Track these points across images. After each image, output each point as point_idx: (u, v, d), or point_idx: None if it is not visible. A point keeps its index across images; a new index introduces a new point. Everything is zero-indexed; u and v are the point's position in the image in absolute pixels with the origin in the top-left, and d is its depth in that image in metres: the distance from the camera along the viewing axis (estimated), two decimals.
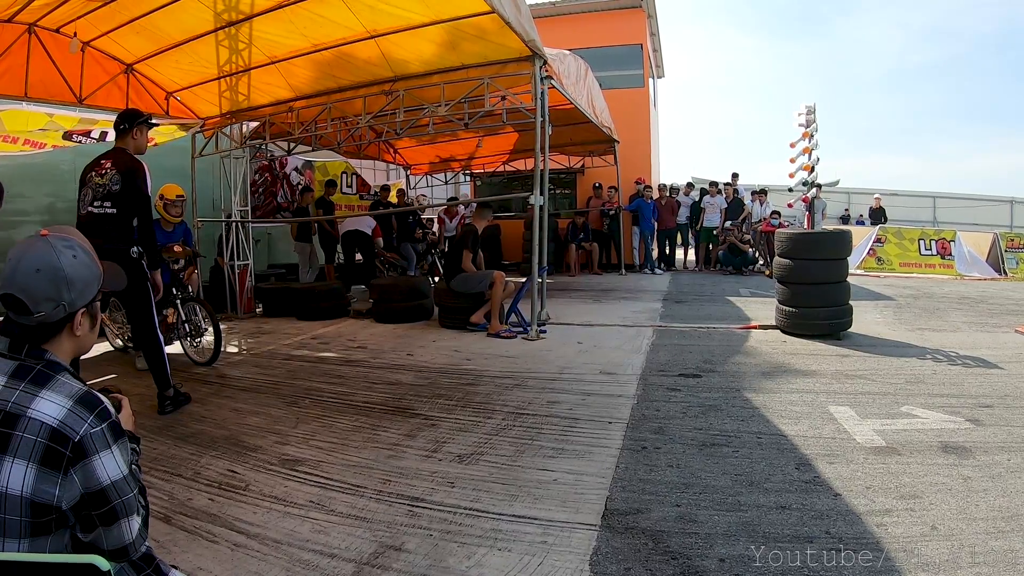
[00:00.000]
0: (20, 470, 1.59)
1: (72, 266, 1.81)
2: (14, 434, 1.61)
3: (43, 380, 1.70)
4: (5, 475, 1.58)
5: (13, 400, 1.65)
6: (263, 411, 5.29)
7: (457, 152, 17.06)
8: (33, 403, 1.65)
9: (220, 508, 3.50)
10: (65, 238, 1.85)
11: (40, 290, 1.75)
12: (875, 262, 16.44)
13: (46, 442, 1.61)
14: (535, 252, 8.18)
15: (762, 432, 4.48)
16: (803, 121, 8.07)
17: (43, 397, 1.66)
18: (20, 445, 1.60)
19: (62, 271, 1.78)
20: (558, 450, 4.21)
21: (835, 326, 7.59)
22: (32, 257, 1.77)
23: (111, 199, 5.20)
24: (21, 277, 1.75)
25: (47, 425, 1.62)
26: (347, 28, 8.29)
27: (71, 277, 1.80)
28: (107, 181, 5.23)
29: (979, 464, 3.84)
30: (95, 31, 8.35)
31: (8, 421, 1.62)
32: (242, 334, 9.07)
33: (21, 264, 1.76)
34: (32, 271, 1.75)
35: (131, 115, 5.53)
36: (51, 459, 1.61)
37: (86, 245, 1.90)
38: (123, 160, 5.32)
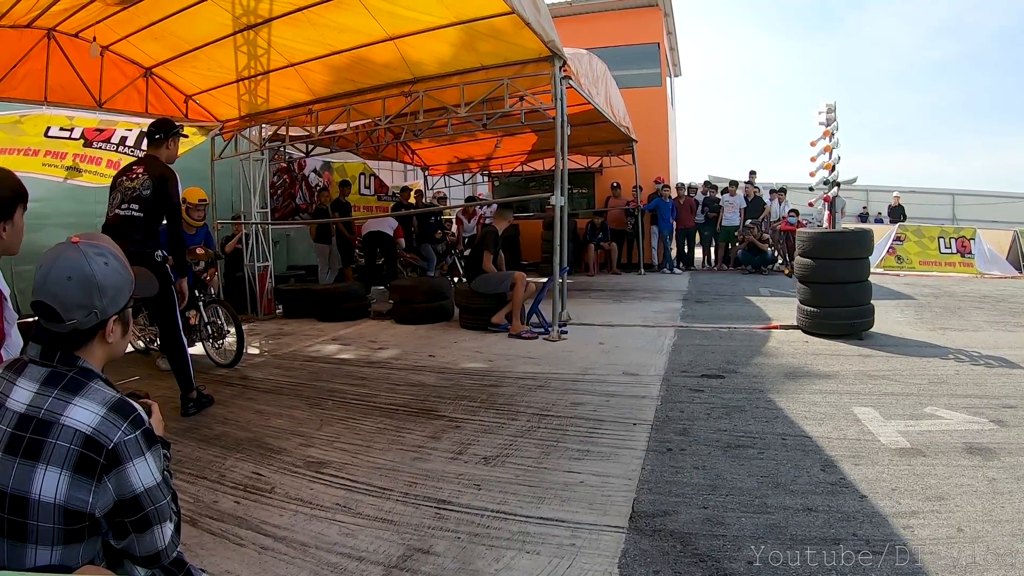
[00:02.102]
0: (53, 478, 1.60)
1: (104, 273, 1.81)
2: (47, 441, 1.62)
3: (76, 387, 1.72)
4: (38, 483, 1.60)
5: (46, 407, 1.67)
6: (287, 413, 5.32)
7: (475, 153, 17.05)
8: (66, 410, 1.66)
9: (246, 511, 3.52)
10: (96, 245, 1.85)
11: (72, 298, 1.75)
12: (895, 260, 16.33)
13: (80, 449, 1.62)
14: (556, 252, 8.17)
15: (787, 433, 4.47)
16: (823, 120, 8.02)
17: (76, 404, 1.68)
18: (53, 453, 1.62)
19: (94, 278, 1.78)
20: (584, 452, 4.21)
21: (857, 326, 7.55)
22: (63, 264, 1.76)
23: (139, 202, 5.28)
24: (53, 284, 1.75)
25: (81, 432, 1.64)
26: (366, 33, 8.33)
27: (103, 284, 1.80)
28: (138, 186, 5.33)
29: (1004, 466, 3.82)
30: (114, 36, 8.39)
31: (41, 428, 1.64)
32: (263, 335, 9.12)
33: (53, 271, 1.76)
34: (64, 278, 1.75)
35: (166, 125, 5.63)
36: (85, 466, 1.62)
37: (117, 252, 1.91)
38: (156, 167, 5.41)
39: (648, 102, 17.23)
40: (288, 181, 14.23)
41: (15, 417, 1.67)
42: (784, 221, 15.92)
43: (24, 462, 1.61)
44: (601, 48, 14.96)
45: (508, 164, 18.03)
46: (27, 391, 1.70)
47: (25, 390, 1.71)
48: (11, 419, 1.67)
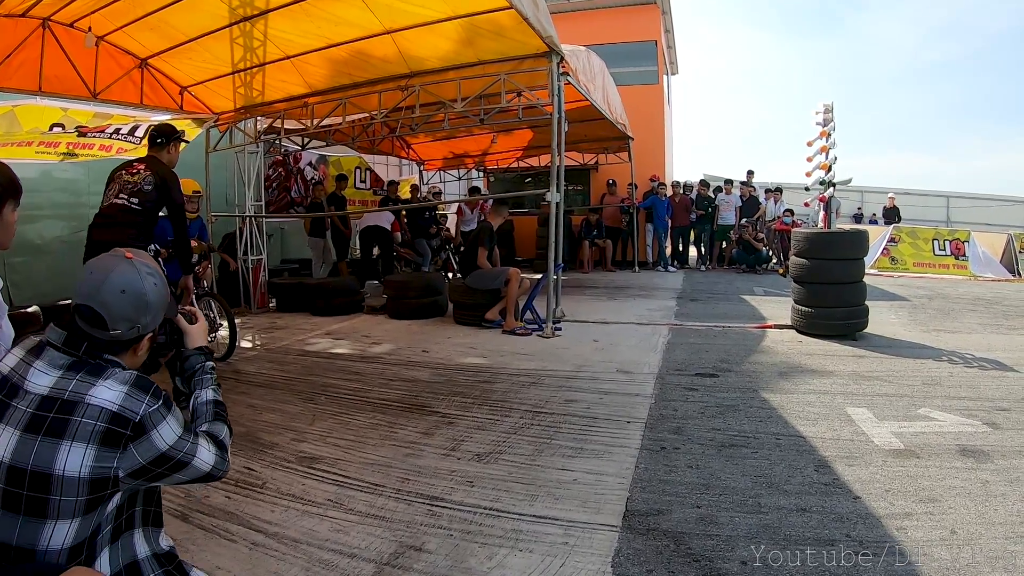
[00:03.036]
0: (79, 452, 1.66)
1: (153, 292, 1.90)
2: (72, 419, 1.68)
3: (99, 371, 1.78)
4: (62, 459, 1.64)
5: (71, 389, 1.72)
6: (279, 408, 5.29)
7: (471, 148, 17.00)
8: (91, 390, 1.72)
9: (238, 506, 3.50)
10: (148, 264, 1.94)
11: (121, 311, 1.83)
12: (889, 262, 16.35)
13: (106, 425, 1.69)
14: (551, 249, 8.16)
15: (780, 433, 4.47)
16: (820, 120, 8.02)
17: (100, 385, 1.74)
18: (79, 429, 1.67)
19: (145, 296, 1.88)
20: (577, 449, 4.20)
21: (851, 326, 7.56)
22: (119, 278, 1.84)
23: (138, 196, 5.36)
24: (106, 295, 1.82)
25: (107, 410, 1.71)
26: (363, 26, 8.28)
27: (151, 303, 1.90)
28: (139, 180, 5.42)
29: (997, 468, 3.82)
30: (110, 26, 8.33)
31: (65, 408, 1.69)
32: (256, 329, 9.09)
33: (108, 282, 1.83)
34: (117, 291, 1.83)
35: (168, 129, 5.77)
36: (111, 439, 1.69)
37: (160, 273, 1.99)
38: (159, 169, 5.53)
39: (645, 100, 17.23)
40: (283, 174, 14.19)
41: (36, 399, 1.71)
42: (779, 221, 15.93)
43: (47, 440, 1.66)
44: (599, 45, 14.94)
45: (504, 160, 18.00)
46: (49, 375, 1.76)
47: (46, 374, 1.76)
48: (32, 400, 1.71)
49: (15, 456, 1.66)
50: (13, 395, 1.74)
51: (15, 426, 1.69)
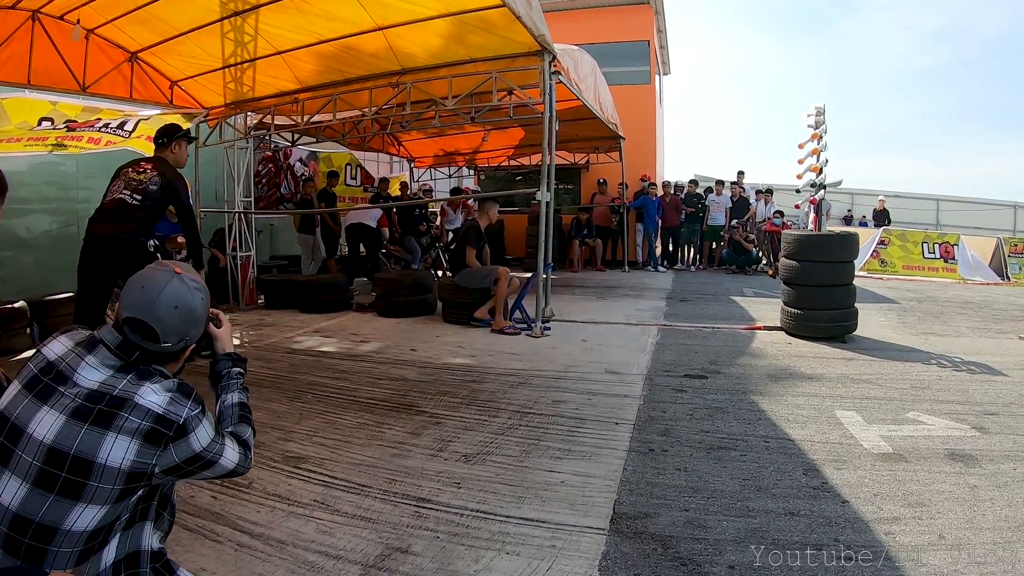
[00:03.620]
0: (123, 445, 1.79)
1: (201, 307, 2.08)
2: (119, 414, 1.81)
3: (146, 376, 1.92)
4: (106, 449, 1.78)
5: (120, 387, 1.86)
6: (265, 406, 5.22)
7: (462, 146, 16.96)
8: (139, 391, 1.86)
9: (223, 507, 3.47)
10: (195, 279, 2.08)
11: (173, 325, 1.97)
12: (878, 264, 16.42)
13: (151, 425, 1.83)
14: (540, 248, 8.14)
15: (769, 436, 4.46)
16: (812, 122, 8.03)
17: (147, 387, 1.88)
18: (125, 424, 1.81)
19: (195, 312, 2.04)
20: (565, 451, 4.18)
21: (840, 329, 7.57)
22: (172, 293, 1.98)
23: (142, 193, 5.41)
24: (160, 310, 1.95)
25: (153, 411, 1.85)
26: (354, 22, 8.23)
27: (199, 317, 2.08)
28: (145, 179, 5.48)
29: (986, 473, 3.83)
30: (100, 19, 8.27)
31: (114, 403, 1.82)
32: (244, 326, 9.04)
33: (162, 298, 1.96)
34: (171, 307, 1.97)
35: (169, 129, 5.86)
36: (154, 438, 1.84)
37: (205, 285, 2.15)
38: (167, 170, 5.61)
39: (636, 100, 17.21)
40: (273, 170, 14.13)
41: (84, 391, 1.83)
42: (769, 222, 15.96)
43: (93, 429, 1.78)
44: (591, 44, 14.92)
45: (495, 158, 17.98)
46: (99, 372, 1.88)
47: (96, 371, 1.88)
48: (80, 392, 1.83)
49: (58, 438, 1.77)
50: (60, 382, 1.86)
51: (61, 411, 1.80)
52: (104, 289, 5.45)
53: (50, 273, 9.13)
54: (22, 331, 7.92)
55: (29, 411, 1.81)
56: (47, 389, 1.84)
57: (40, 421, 1.79)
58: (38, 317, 8.27)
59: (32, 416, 1.80)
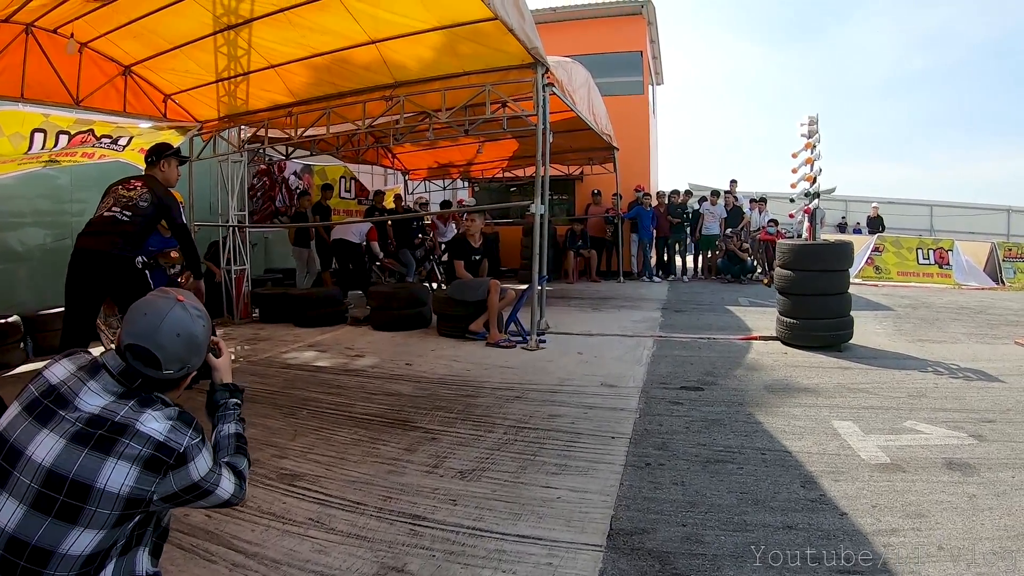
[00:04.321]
0: (123, 470, 1.80)
1: (203, 334, 2.11)
2: (120, 440, 1.82)
3: (147, 403, 1.94)
4: (106, 474, 1.78)
5: (121, 413, 1.87)
6: (260, 422, 5.20)
7: (456, 158, 17.00)
8: (141, 418, 1.88)
9: (217, 525, 3.43)
10: (197, 306, 2.11)
11: (175, 352, 2.00)
12: (873, 271, 16.43)
13: (152, 452, 1.84)
14: (535, 261, 8.14)
15: (766, 448, 4.44)
16: (805, 132, 8.04)
17: (149, 414, 1.90)
18: (126, 450, 1.82)
19: (197, 339, 2.07)
20: (561, 466, 4.15)
21: (836, 338, 7.56)
22: (175, 321, 2.01)
23: (132, 210, 5.41)
24: (163, 338, 1.97)
25: (154, 439, 1.86)
26: (347, 36, 8.26)
27: (201, 344, 2.11)
28: (135, 196, 5.49)
29: (984, 481, 3.82)
30: (93, 32, 8.28)
31: (115, 429, 1.84)
32: (239, 340, 9.02)
33: (164, 326, 1.98)
34: (173, 335, 1.99)
35: (160, 148, 5.85)
36: (154, 465, 1.85)
37: (206, 312, 2.17)
38: (158, 188, 5.59)
39: (630, 110, 17.26)
40: (268, 183, 14.14)
41: (85, 416, 1.84)
42: (763, 231, 15.96)
43: (93, 454, 1.79)
44: (584, 55, 14.96)
45: (489, 170, 18.01)
46: (101, 398, 1.89)
47: (98, 396, 1.90)
48: (81, 416, 1.84)
49: (57, 461, 1.77)
50: (61, 405, 1.87)
51: (61, 434, 1.81)
52: (91, 305, 5.42)
53: (44, 287, 9.11)
54: (16, 345, 7.90)
55: (29, 433, 1.82)
56: (47, 412, 1.85)
57: (40, 444, 1.80)
58: (32, 331, 8.24)
59: (32, 438, 1.81)
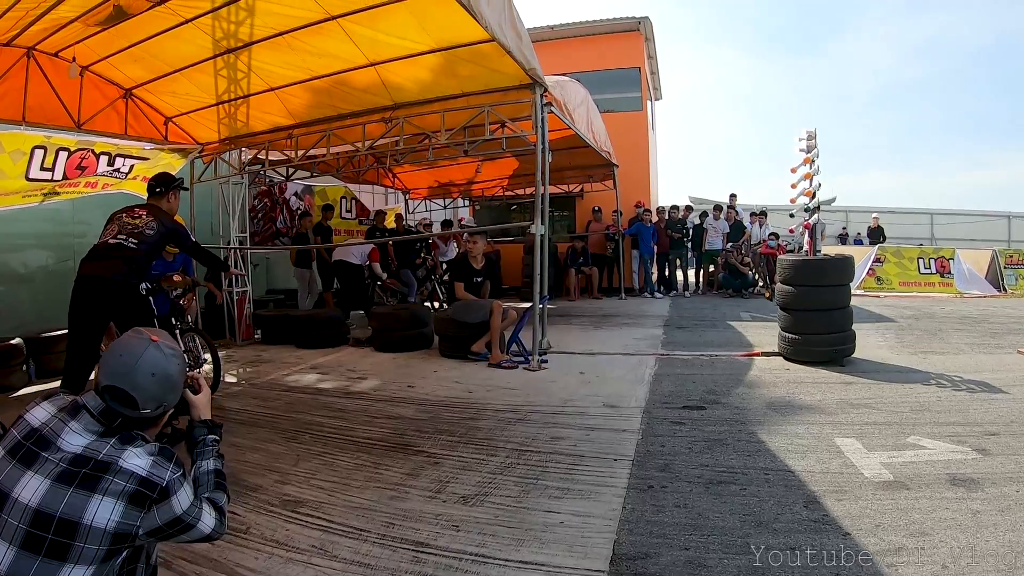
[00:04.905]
0: (108, 507, 1.83)
1: (178, 374, 2.16)
2: (104, 477, 1.86)
3: (128, 440, 1.97)
4: (92, 510, 1.81)
5: (104, 452, 1.90)
6: (262, 447, 5.22)
7: (456, 177, 17.06)
8: (123, 455, 1.91)
9: (221, 553, 3.43)
10: (171, 346, 2.17)
11: (151, 392, 2.05)
12: (875, 282, 16.42)
13: (136, 487, 1.88)
14: (536, 280, 8.15)
15: (769, 468, 4.43)
16: (804, 147, 8.06)
17: (130, 451, 1.94)
18: (110, 487, 1.85)
19: (172, 378, 2.13)
20: (563, 490, 4.14)
21: (838, 352, 7.55)
22: (149, 362, 2.07)
23: (137, 237, 5.48)
24: (138, 378, 2.03)
25: (137, 474, 1.89)
26: (346, 59, 8.32)
27: (177, 383, 2.17)
28: (140, 224, 5.58)
29: (988, 497, 3.81)
30: (94, 56, 8.37)
31: (99, 467, 1.87)
32: (241, 362, 9.04)
33: (140, 366, 2.04)
34: (148, 375, 2.05)
35: (166, 178, 5.93)
36: (138, 500, 1.88)
37: (181, 351, 2.24)
38: (164, 217, 5.67)
39: (628, 126, 17.34)
40: (269, 205, 14.18)
41: (69, 456, 1.88)
42: (764, 244, 15.96)
43: (79, 492, 1.82)
44: (582, 72, 15.06)
45: (490, 189, 18.06)
46: (83, 438, 1.93)
47: (80, 436, 1.93)
48: (64, 456, 1.88)
49: (43, 502, 1.80)
50: (44, 447, 1.90)
51: (46, 475, 1.84)
52: (95, 331, 5.43)
53: (46, 309, 9.13)
54: (18, 368, 7.90)
55: (13, 476, 1.85)
56: (31, 454, 1.89)
57: (25, 486, 1.82)
58: (34, 354, 8.25)
59: (17, 481, 1.84)
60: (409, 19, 7.33)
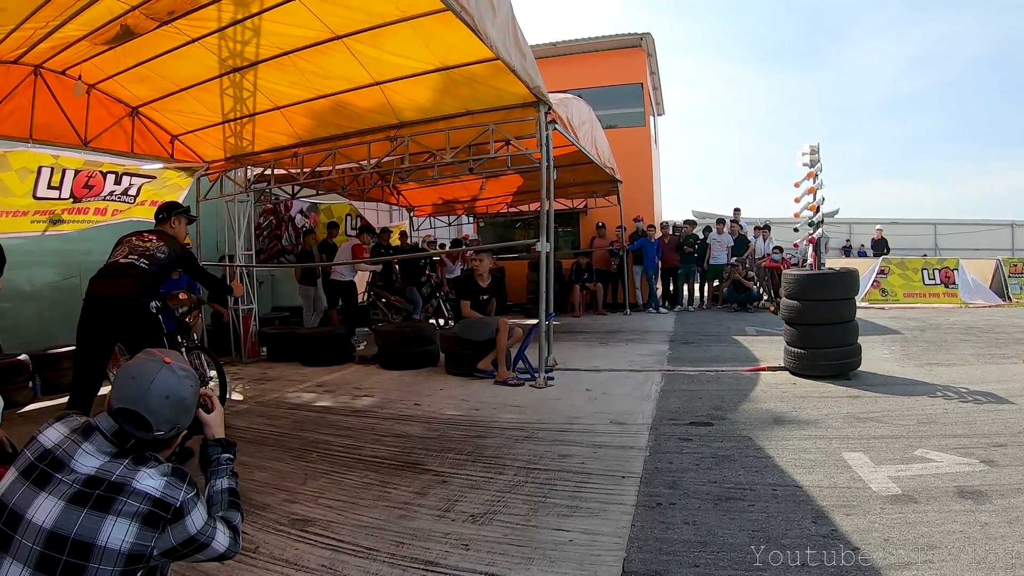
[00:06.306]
0: (123, 528, 1.83)
1: (191, 396, 2.17)
2: (118, 499, 1.86)
3: (141, 461, 1.98)
4: (106, 532, 1.81)
5: (117, 473, 1.91)
6: (270, 466, 5.23)
7: (460, 194, 17.12)
8: (136, 476, 1.92)
9: (231, 572, 3.43)
10: (184, 368, 2.17)
11: (165, 414, 2.07)
12: (879, 294, 16.43)
13: (150, 508, 1.88)
14: (541, 298, 8.16)
15: (777, 483, 4.42)
16: (807, 161, 8.06)
17: (144, 472, 1.94)
18: (124, 508, 1.85)
19: (186, 401, 2.14)
20: (572, 508, 4.14)
21: (844, 366, 7.54)
22: (163, 384, 2.08)
23: (148, 259, 5.58)
24: (152, 402, 2.04)
25: (151, 495, 1.90)
26: (351, 79, 8.38)
27: (189, 406, 2.18)
28: (152, 247, 5.68)
29: (996, 508, 3.80)
30: (101, 74, 8.43)
31: (112, 488, 1.87)
32: (247, 380, 9.06)
33: (153, 389, 2.05)
34: (162, 397, 2.06)
35: (171, 207, 6.04)
36: (152, 520, 1.89)
37: (194, 373, 2.23)
38: (174, 243, 5.77)
39: (632, 142, 17.43)
40: (274, 222, 14.24)
41: (82, 477, 1.88)
42: (768, 258, 15.97)
43: (93, 513, 1.82)
44: (585, 88, 15.14)
45: (494, 205, 18.11)
46: (96, 459, 1.93)
47: (93, 457, 1.94)
48: (78, 478, 1.88)
49: (57, 523, 1.80)
50: (57, 468, 1.90)
51: (59, 497, 1.84)
52: (104, 349, 5.45)
53: (52, 325, 9.18)
54: (24, 384, 7.92)
55: (27, 497, 1.85)
56: (44, 476, 1.89)
57: (39, 507, 1.83)
58: (40, 370, 8.27)
59: (31, 502, 1.84)
60: (414, 39, 7.37)
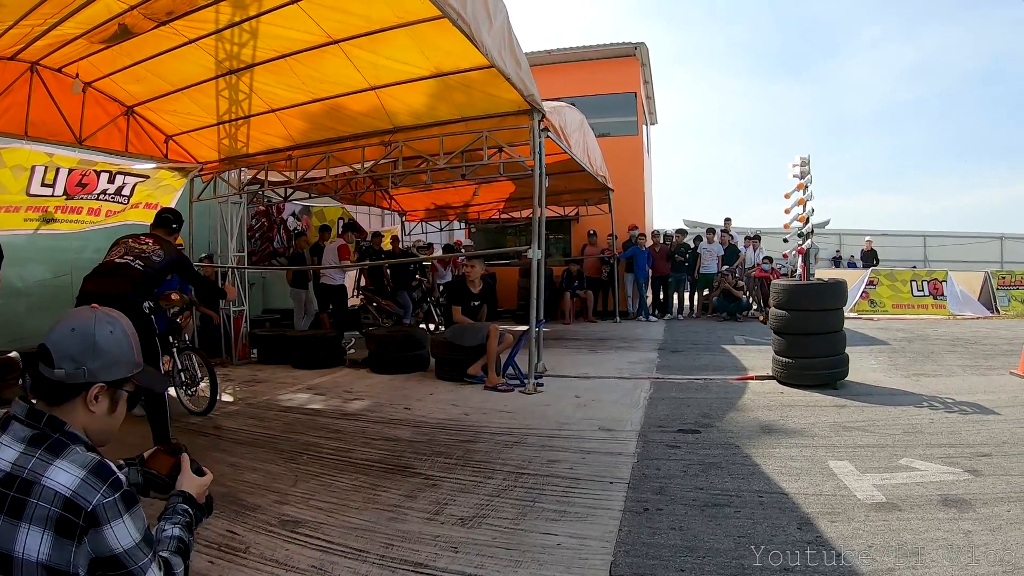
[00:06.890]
0: (36, 537, 1.63)
1: (104, 338, 1.92)
2: (29, 501, 1.66)
3: (59, 448, 1.76)
4: (21, 542, 1.63)
5: (29, 467, 1.70)
6: (261, 467, 5.25)
7: (453, 200, 17.13)
8: (48, 471, 1.69)
9: (221, 572, 3.46)
10: (110, 315, 1.99)
11: (67, 348, 1.86)
12: (868, 305, 16.48)
13: (60, 511, 1.65)
14: (532, 305, 8.20)
15: (763, 490, 4.47)
16: (797, 172, 8.12)
17: (57, 466, 1.71)
18: (35, 512, 1.65)
19: (92, 336, 1.89)
20: (560, 512, 4.17)
21: (832, 376, 7.59)
22: (73, 319, 1.92)
23: (144, 261, 5.65)
24: (57, 333, 1.88)
25: (60, 495, 1.67)
26: (347, 83, 8.41)
27: (99, 346, 1.90)
28: (148, 249, 5.77)
29: (979, 517, 3.85)
30: (97, 73, 8.45)
31: (23, 488, 1.67)
32: (237, 382, 9.06)
33: (62, 323, 1.91)
34: (68, 330, 1.89)
35: (166, 218, 6.20)
36: (65, 528, 1.65)
37: (129, 331, 2.04)
38: (169, 248, 5.88)
39: (624, 150, 17.46)
40: (266, 224, 14.26)
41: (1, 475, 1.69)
42: (758, 268, 16.04)
43: (8, 520, 1.64)
44: (578, 96, 15.18)
45: (486, 212, 18.14)
46: (12, 450, 1.73)
47: (10, 448, 1.74)
48: None
49: None
50: None
51: None
52: None
53: (43, 322, 9.07)
54: (14, 382, 7.88)
55: None
56: None
57: None
58: (31, 367, 8.22)
59: None
60: (410, 44, 7.41)
